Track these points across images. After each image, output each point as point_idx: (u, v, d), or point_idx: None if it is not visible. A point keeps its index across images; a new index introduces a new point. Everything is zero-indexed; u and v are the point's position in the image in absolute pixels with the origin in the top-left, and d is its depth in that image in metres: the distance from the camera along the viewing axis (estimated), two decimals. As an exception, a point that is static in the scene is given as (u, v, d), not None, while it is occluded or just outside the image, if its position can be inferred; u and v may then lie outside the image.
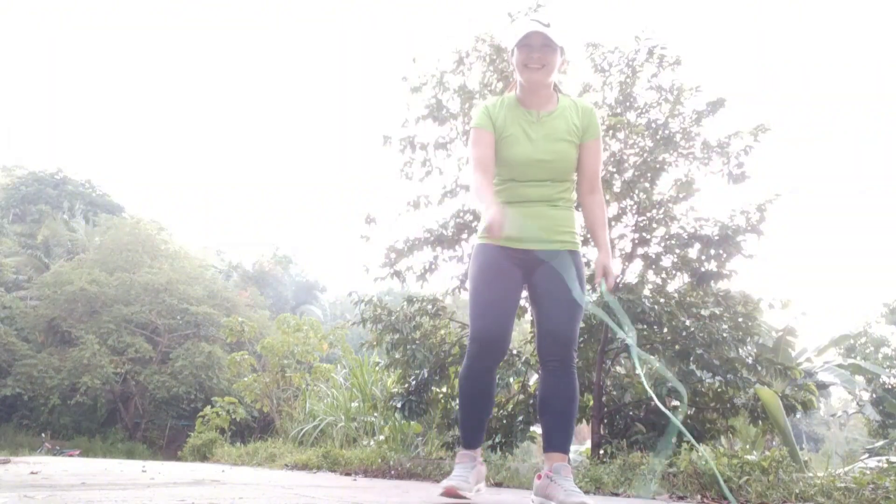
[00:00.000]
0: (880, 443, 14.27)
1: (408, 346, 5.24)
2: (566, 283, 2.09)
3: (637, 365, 2.06)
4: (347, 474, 4.63)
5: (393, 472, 4.34)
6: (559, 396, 2.16)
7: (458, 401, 2.36)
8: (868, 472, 2.66)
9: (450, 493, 2.10)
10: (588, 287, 2.17)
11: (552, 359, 2.17)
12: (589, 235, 2.38)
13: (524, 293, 2.32)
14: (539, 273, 2.19)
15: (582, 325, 5.19)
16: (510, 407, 5.30)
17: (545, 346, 2.18)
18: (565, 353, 2.17)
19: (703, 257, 4.89)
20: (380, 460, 4.71)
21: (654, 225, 5.04)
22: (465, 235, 5.35)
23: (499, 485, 3.46)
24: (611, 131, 5.03)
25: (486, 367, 2.20)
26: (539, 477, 2.13)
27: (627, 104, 5.22)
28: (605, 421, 4.99)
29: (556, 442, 2.14)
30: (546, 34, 2.08)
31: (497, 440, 5.15)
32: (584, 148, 2.23)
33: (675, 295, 5.05)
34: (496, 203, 2.06)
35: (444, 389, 5.66)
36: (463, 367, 2.23)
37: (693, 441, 2.13)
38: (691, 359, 4.75)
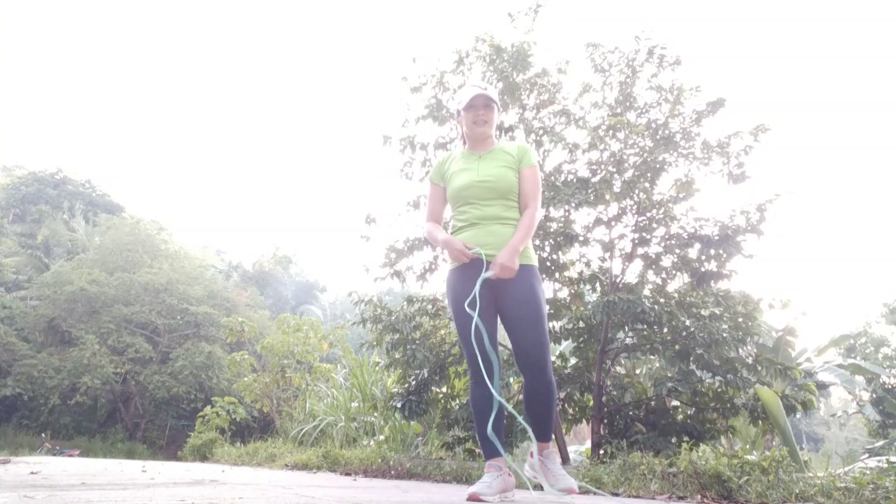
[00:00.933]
0: (880, 443, 14.28)
1: (408, 346, 5.24)
2: (527, 299, 2.44)
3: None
4: (347, 474, 4.63)
5: (393, 472, 4.33)
6: (539, 398, 2.50)
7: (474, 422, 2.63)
8: (868, 472, 2.66)
9: (472, 498, 2.29)
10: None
11: (529, 371, 2.48)
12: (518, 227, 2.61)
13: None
14: (504, 294, 2.47)
15: (582, 325, 5.21)
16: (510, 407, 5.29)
17: (521, 362, 2.49)
18: (539, 363, 2.46)
19: (703, 257, 4.88)
20: (380, 460, 4.70)
21: (654, 225, 5.04)
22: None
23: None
24: (611, 131, 5.03)
25: (484, 390, 2.45)
26: (531, 455, 2.57)
27: (627, 104, 5.22)
28: (605, 421, 4.99)
29: (542, 434, 2.55)
30: (487, 95, 2.57)
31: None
32: (521, 175, 2.62)
33: (675, 295, 5.05)
34: (446, 236, 2.55)
35: (444, 389, 5.67)
36: (470, 394, 2.56)
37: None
38: (691, 359, 4.75)
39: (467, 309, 2.41)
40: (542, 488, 2.48)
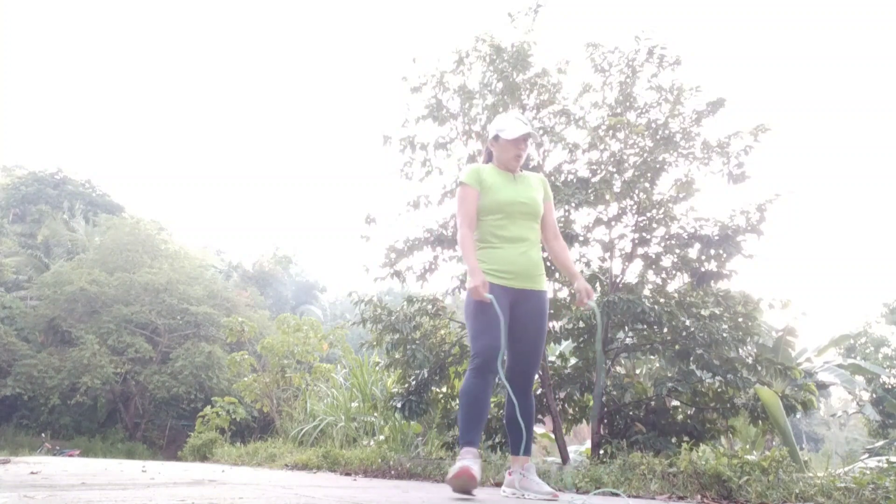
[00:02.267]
0: (880, 443, 14.29)
1: (408, 346, 5.23)
2: (539, 325, 2.72)
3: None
4: (347, 474, 4.63)
5: (393, 472, 4.33)
6: (522, 414, 2.65)
7: (459, 406, 2.69)
8: (868, 472, 2.66)
9: (465, 472, 2.39)
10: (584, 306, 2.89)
11: (517, 386, 2.71)
12: (559, 268, 3.05)
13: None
14: (520, 310, 2.70)
15: (582, 325, 5.21)
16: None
17: (514, 377, 2.72)
18: (528, 383, 2.75)
19: (703, 257, 4.88)
20: (380, 460, 4.70)
21: (654, 225, 5.04)
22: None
23: (499, 485, 3.45)
24: (611, 131, 5.03)
25: (487, 380, 2.60)
26: (510, 474, 2.72)
27: (627, 104, 5.22)
28: (605, 421, 4.99)
29: (525, 448, 2.69)
30: (532, 134, 2.79)
31: (497, 440, 5.15)
32: (546, 207, 2.87)
33: (675, 295, 5.05)
34: (476, 264, 2.65)
35: (444, 389, 5.67)
36: (466, 380, 2.63)
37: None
38: (691, 359, 4.75)
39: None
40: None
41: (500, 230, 2.73)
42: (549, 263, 5.22)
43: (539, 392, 5.03)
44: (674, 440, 4.69)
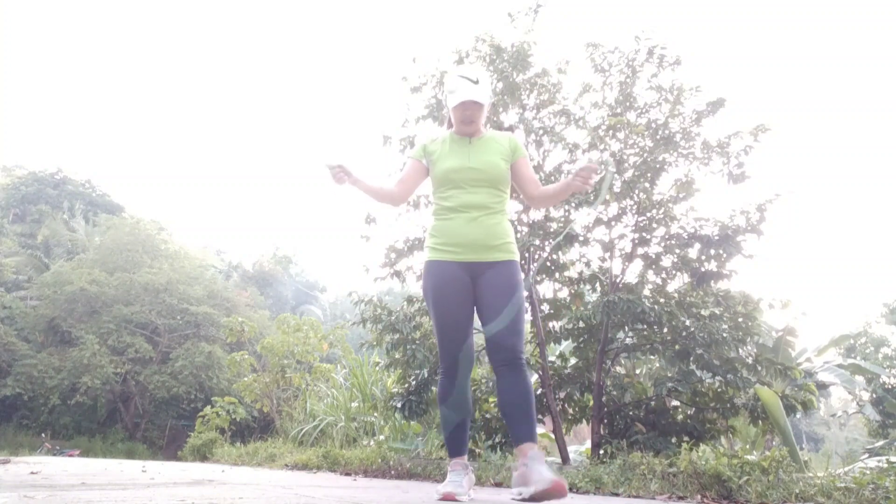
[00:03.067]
0: (880, 443, 14.29)
1: (408, 346, 5.23)
2: (506, 291, 2.35)
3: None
4: (347, 474, 4.63)
5: (393, 472, 4.33)
6: (514, 395, 2.30)
7: (439, 415, 2.54)
8: (868, 472, 2.66)
9: (448, 497, 2.26)
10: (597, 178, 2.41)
11: (500, 364, 2.33)
12: (554, 198, 2.64)
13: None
14: (482, 282, 2.41)
15: (582, 325, 5.21)
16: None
17: (491, 354, 2.35)
18: (511, 356, 2.31)
19: (703, 257, 4.88)
20: (380, 460, 4.70)
21: (654, 225, 5.04)
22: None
23: (499, 485, 3.46)
24: (611, 131, 5.03)
25: (460, 382, 2.41)
26: (515, 471, 2.25)
27: (627, 104, 5.22)
28: (605, 421, 4.99)
29: (523, 434, 2.26)
30: (476, 101, 2.45)
31: (497, 440, 5.15)
32: (519, 164, 2.57)
33: (675, 295, 5.05)
34: (361, 177, 2.51)
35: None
36: (439, 386, 2.46)
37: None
38: (691, 359, 4.75)
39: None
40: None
41: (448, 200, 2.49)
42: (549, 264, 5.24)
43: (539, 392, 5.03)
44: (674, 440, 4.69)
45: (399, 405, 5.24)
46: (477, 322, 2.49)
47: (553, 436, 5.12)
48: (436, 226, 2.52)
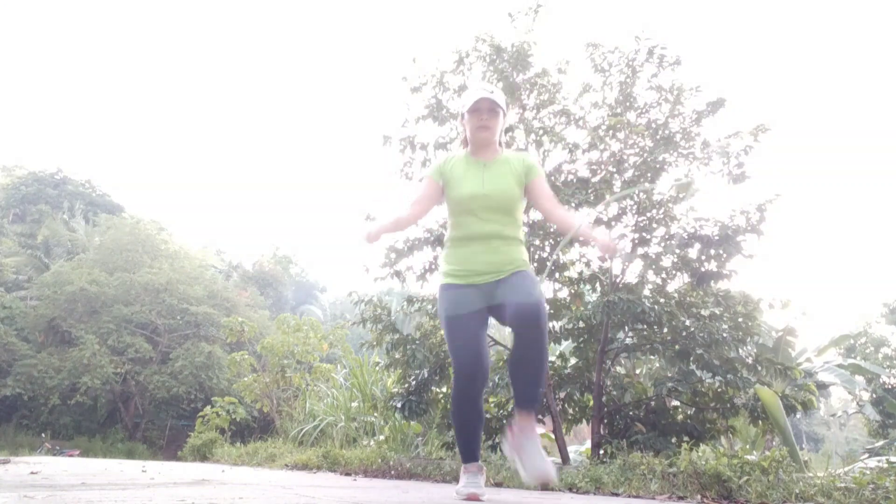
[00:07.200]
0: (880, 443, 14.30)
1: (408, 346, 5.23)
2: (526, 278, 2.34)
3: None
4: (347, 474, 4.63)
5: (393, 472, 4.33)
6: (526, 357, 2.23)
7: (452, 421, 2.55)
8: (868, 472, 2.66)
9: (472, 498, 2.33)
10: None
11: (521, 326, 2.22)
12: (572, 225, 2.51)
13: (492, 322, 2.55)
14: (498, 290, 2.40)
15: (582, 325, 5.21)
16: (510, 407, 5.30)
17: (514, 316, 2.23)
18: (534, 317, 2.19)
19: (703, 257, 4.88)
20: (380, 460, 4.70)
21: (654, 225, 5.04)
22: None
23: (499, 485, 3.46)
24: (611, 131, 5.03)
25: (473, 396, 2.38)
26: (510, 429, 2.29)
27: (627, 104, 5.22)
28: (605, 421, 4.99)
29: (525, 398, 2.29)
30: (492, 99, 2.46)
31: (497, 440, 5.15)
32: (534, 185, 2.52)
33: (675, 295, 5.05)
34: (379, 225, 2.42)
35: (444, 389, 5.66)
36: (452, 398, 2.44)
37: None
38: (691, 359, 4.75)
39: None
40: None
41: (463, 228, 2.47)
42: (549, 264, 5.24)
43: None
44: (674, 440, 4.69)
45: (399, 405, 5.24)
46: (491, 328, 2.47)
47: (553, 436, 5.12)
48: (450, 253, 2.53)
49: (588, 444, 6.51)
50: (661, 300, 4.86)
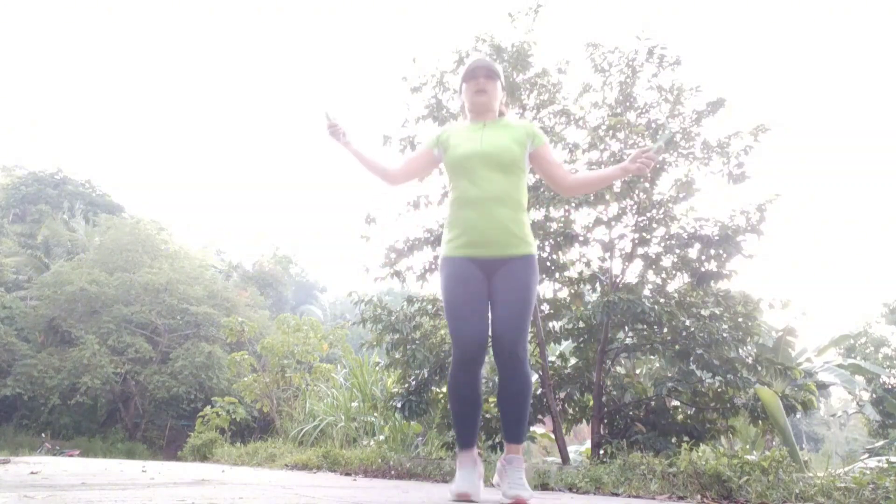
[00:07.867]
0: (880, 443, 14.29)
1: (408, 346, 5.23)
2: (517, 288, 2.31)
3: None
4: (347, 474, 4.63)
5: (393, 472, 4.33)
6: (507, 393, 2.31)
7: (449, 406, 2.51)
8: (868, 472, 2.66)
9: (463, 497, 2.25)
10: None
11: (501, 359, 2.30)
12: (595, 186, 2.70)
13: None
14: (496, 278, 2.36)
15: (582, 325, 5.21)
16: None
17: (496, 349, 2.32)
18: (514, 352, 2.27)
19: (703, 257, 4.88)
20: (380, 460, 4.70)
21: (654, 225, 5.04)
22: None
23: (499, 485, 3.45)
24: (611, 131, 5.03)
25: (472, 372, 2.35)
26: (500, 461, 2.35)
27: (627, 104, 5.22)
28: (605, 421, 4.99)
29: (508, 434, 2.33)
30: (488, 66, 2.49)
31: (497, 440, 5.15)
32: (541, 152, 2.49)
33: (675, 295, 5.05)
34: (359, 147, 2.59)
35: (444, 389, 5.67)
36: (450, 377, 2.40)
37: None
38: (691, 359, 4.75)
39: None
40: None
41: (462, 191, 2.39)
42: (549, 264, 5.23)
43: (539, 392, 5.03)
44: (674, 440, 4.69)
45: (399, 405, 5.25)
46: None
47: (553, 436, 5.12)
48: (451, 218, 2.44)
49: (588, 444, 6.51)
50: (661, 300, 4.87)
